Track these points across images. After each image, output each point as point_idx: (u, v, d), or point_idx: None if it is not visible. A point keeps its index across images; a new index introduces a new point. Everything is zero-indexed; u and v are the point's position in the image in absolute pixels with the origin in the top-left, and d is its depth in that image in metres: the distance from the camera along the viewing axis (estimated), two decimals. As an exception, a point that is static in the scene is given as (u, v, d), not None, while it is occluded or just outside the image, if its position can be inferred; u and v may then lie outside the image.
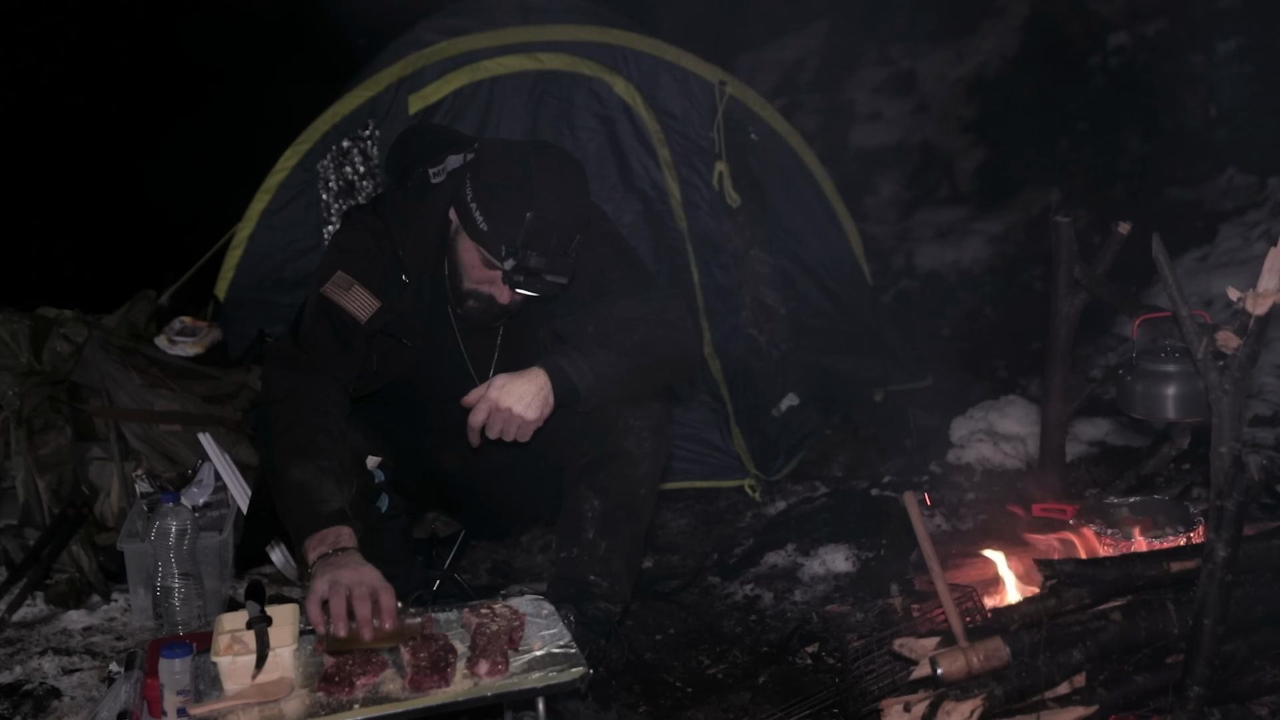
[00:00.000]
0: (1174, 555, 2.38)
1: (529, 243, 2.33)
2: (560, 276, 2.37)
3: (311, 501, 2.29)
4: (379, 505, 2.58)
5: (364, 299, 2.49)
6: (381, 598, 2.17)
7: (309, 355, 2.47)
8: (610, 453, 2.56)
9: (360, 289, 2.49)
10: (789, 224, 4.50)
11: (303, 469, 2.32)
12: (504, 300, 2.46)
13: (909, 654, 2.33)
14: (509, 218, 2.33)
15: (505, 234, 2.34)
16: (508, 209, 2.34)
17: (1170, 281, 2.21)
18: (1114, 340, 4.91)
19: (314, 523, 2.27)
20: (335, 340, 2.48)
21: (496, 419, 2.40)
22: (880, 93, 8.11)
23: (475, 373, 2.68)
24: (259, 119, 6.53)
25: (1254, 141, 5.63)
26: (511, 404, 2.39)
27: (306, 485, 2.30)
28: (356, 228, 2.58)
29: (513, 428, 2.41)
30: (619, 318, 2.56)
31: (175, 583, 2.92)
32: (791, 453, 4.12)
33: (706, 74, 4.21)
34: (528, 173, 2.35)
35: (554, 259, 2.35)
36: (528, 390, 2.41)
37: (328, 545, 2.23)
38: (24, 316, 3.55)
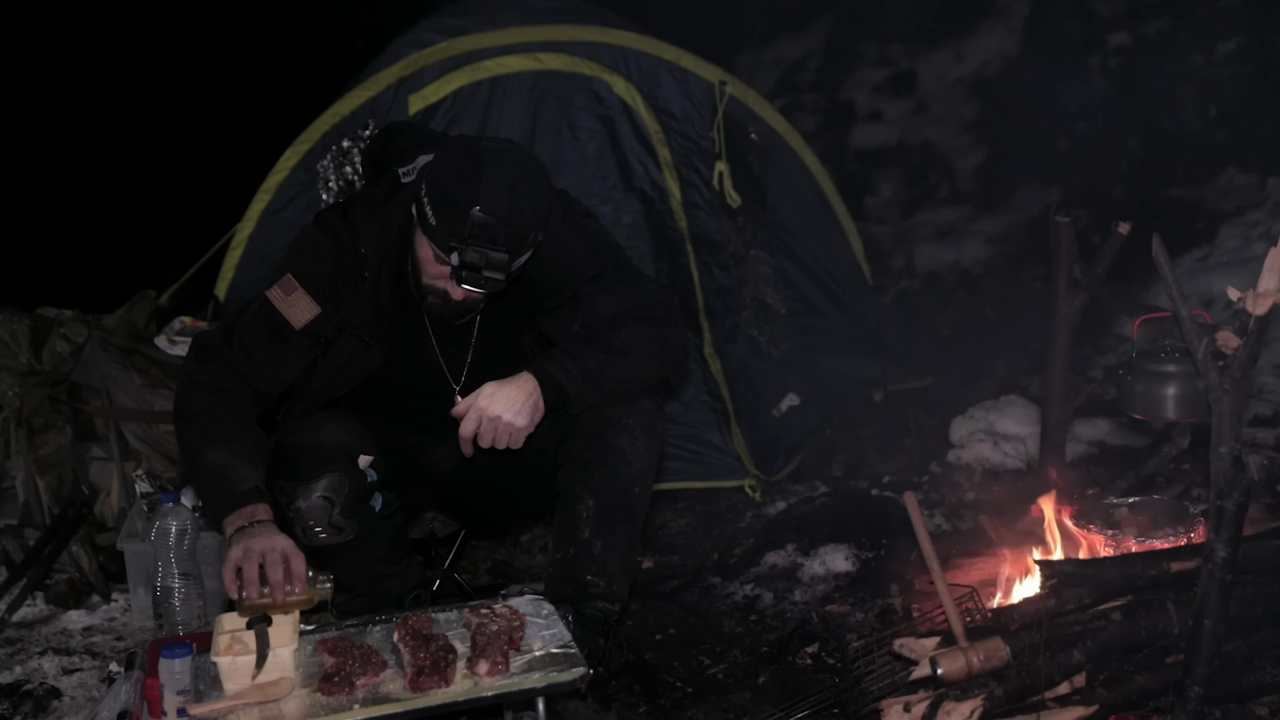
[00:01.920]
0: (1174, 555, 2.38)
1: (474, 238, 2.31)
2: (505, 274, 2.34)
3: (228, 482, 2.34)
4: (372, 504, 2.59)
5: (304, 304, 2.52)
6: (292, 563, 2.22)
7: (231, 352, 2.51)
8: (603, 452, 2.56)
9: (302, 293, 2.52)
10: (789, 224, 4.50)
11: (216, 452, 2.37)
12: (457, 297, 2.46)
13: (909, 654, 2.33)
14: (455, 213, 2.31)
15: (451, 230, 2.33)
16: (455, 204, 2.31)
17: (1170, 281, 2.21)
18: (1114, 340, 4.91)
19: (230, 502, 2.32)
20: (266, 342, 2.52)
21: (487, 428, 2.41)
22: (880, 93, 8.11)
23: (449, 372, 2.69)
24: (259, 119, 6.54)
25: (1254, 141, 5.63)
26: (501, 411, 2.40)
27: (222, 466, 2.36)
28: (318, 230, 2.59)
29: (504, 436, 2.42)
30: (605, 316, 2.57)
31: (175, 583, 2.92)
32: (791, 453, 4.12)
33: (706, 74, 4.21)
34: (478, 169, 2.32)
35: (500, 256, 2.32)
36: (517, 397, 2.42)
37: (244, 519, 2.28)
38: (24, 316, 3.55)
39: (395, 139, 2.70)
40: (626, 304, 2.58)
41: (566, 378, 2.46)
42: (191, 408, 2.46)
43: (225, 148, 7.18)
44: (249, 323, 2.54)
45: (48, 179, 7.00)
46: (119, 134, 7.54)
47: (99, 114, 7.56)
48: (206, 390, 2.48)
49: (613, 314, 2.57)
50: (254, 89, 8.08)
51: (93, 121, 7.52)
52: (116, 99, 7.66)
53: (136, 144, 7.52)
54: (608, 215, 4.04)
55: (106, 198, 7.12)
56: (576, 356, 2.49)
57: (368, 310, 2.54)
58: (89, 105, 7.55)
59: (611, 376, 2.51)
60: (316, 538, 2.52)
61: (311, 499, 2.48)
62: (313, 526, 2.50)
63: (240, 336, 2.52)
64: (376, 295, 2.54)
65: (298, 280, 2.53)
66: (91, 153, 7.30)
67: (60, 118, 7.42)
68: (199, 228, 4.87)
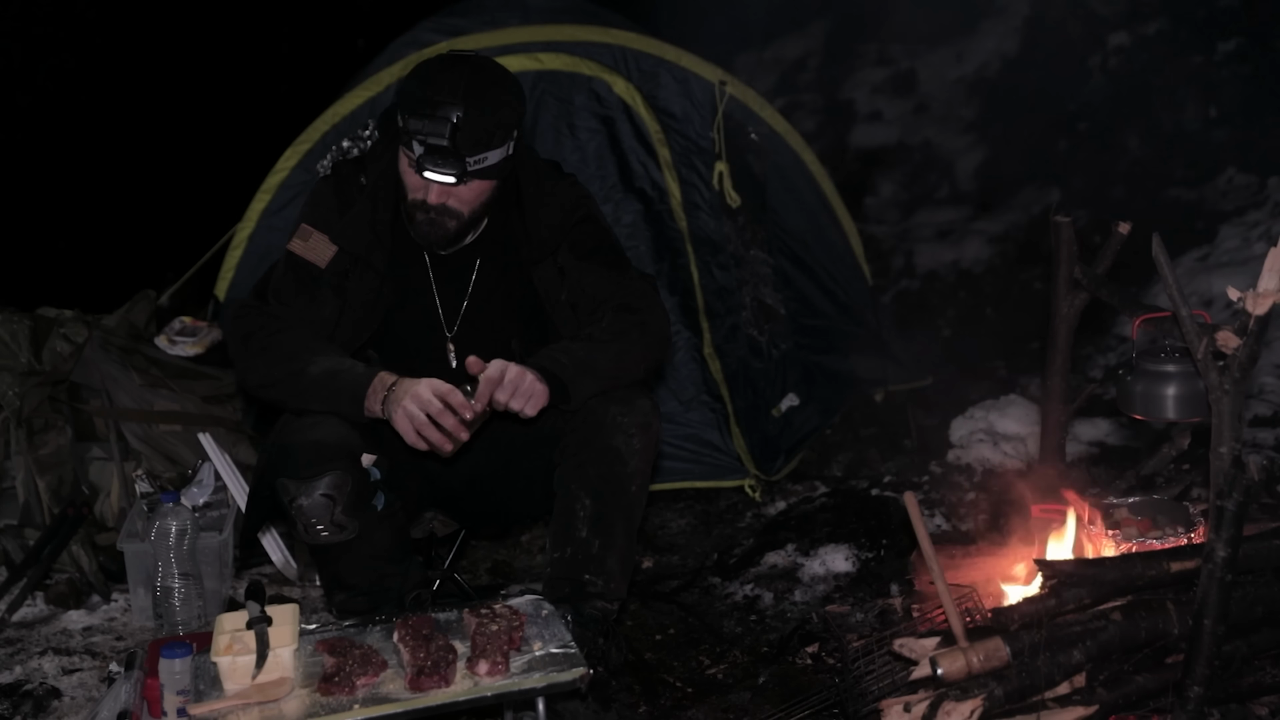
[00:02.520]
0: (1174, 555, 2.38)
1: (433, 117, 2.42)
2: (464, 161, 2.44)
3: (347, 370, 2.48)
4: (375, 503, 2.59)
5: (322, 245, 2.63)
6: (450, 400, 2.37)
7: (270, 305, 2.61)
8: (599, 451, 2.56)
9: (319, 235, 2.63)
10: (789, 224, 4.49)
11: (318, 362, 2.48)
12: (433, 199, 2.52)
13: (909, 654, 2.33)
14: (414, 107, 2.44)
15: (413, 126, 2.44)
16: (414, 99, 2.45)
17: (1170, 281, 2.21)
18: (1114, 340, 4.91)
19: (363, 381, 2.45)
20: (299, 291, 2.62)
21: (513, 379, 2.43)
22: (880, 93, 8.12)
23: (445, 319, 2.74)
24: (259, 119, 6.54)
25: (1254, 141, 5.63)
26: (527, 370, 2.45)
27: (332, 369, 2.48)
28: (325, 178, 2.74)
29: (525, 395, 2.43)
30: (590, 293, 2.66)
31: (175, 583, 2.93)
32: (791, 453, 4.12)
33: (706, 74, 4.21)
34: (440, 68, 2.48)
35: (440, 126, 2.41)
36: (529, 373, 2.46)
37: (383, 389, 2.43)
38: (24, 316, 3.54)
39: None
40: (608, 292, 2.66)
41: (560, 369, 2.50)
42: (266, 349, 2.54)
43: (225, 148, 7.18)
44: (279, 277, 2.65)
45: (48, 179, 6.99)
46: (119, 134, 7.54)
47: (99, 114, 7.56)
48: (266, 334, 2.56)
49: (595, 297, 2.65)
50: (254, 89, 8.08)
51: (92, 121, 7.52)
52: (116, 99, 7.66)
53: (136, 144, 7.52)
54: (608, 215, 4.02)
55: (106, 198, 7.11)
56: (564, 351, 2.55)
57: (366, 232, 2.63)
58: (89, 105, 7.55)
59: (601, 365, 2.56)
60: (318, 536, 2.52)
61: (314, 497, 2.48)
62: (314, 524, 2.50)
63: (275, 291, 2.63)
64: (374, 215, 2.63)
65: (312, 226, 2.65)
66: (91, 153, 7.30)
67: (60, 118, 7.42)
68: (199, 228, 4.86)
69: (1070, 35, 6.96)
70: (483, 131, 2.46)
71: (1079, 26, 6.94)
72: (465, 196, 2.54)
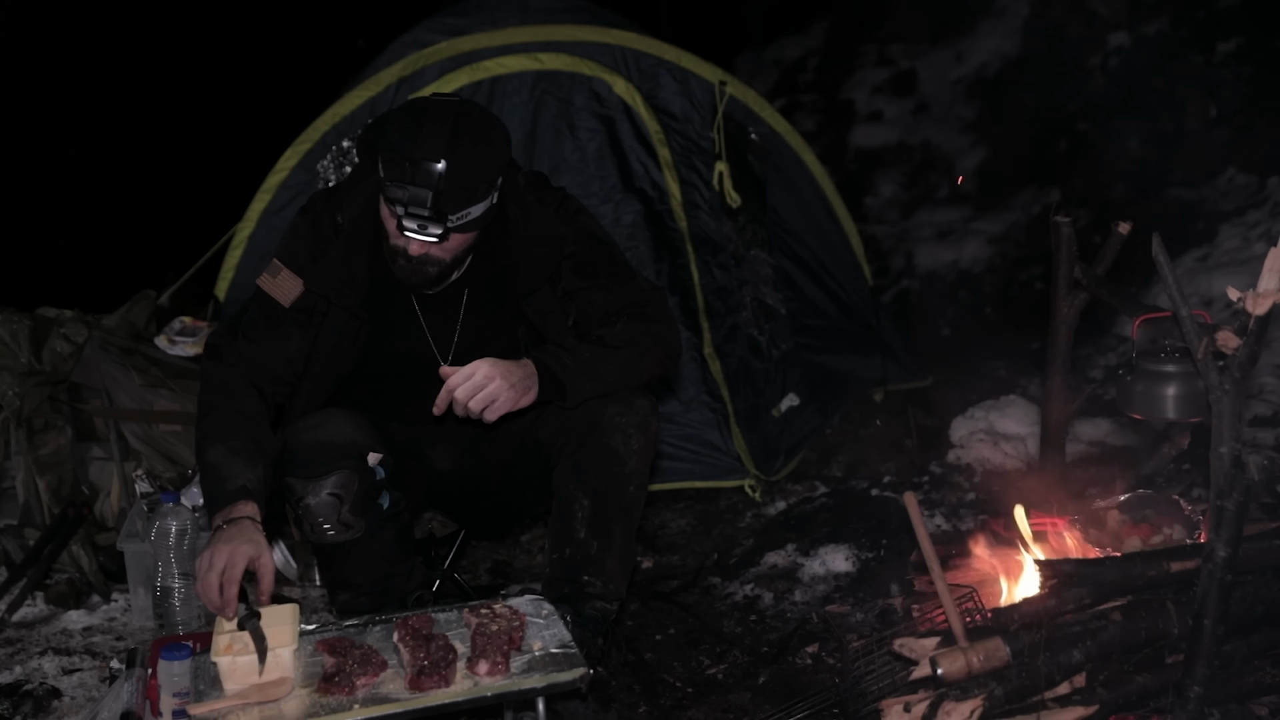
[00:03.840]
0: (1174, 555, 2.38)
1: (416, 183, 2.32)
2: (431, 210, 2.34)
3: (220, 479, 2.39)
4: (380, 503, 2.59)
5: (289, 283, 2.58)
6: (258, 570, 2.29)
7: (236, 341, 2.58)
8: (597, 451, 2.56)
9: (287, 273, 2.58)
10: (789, 224, 4.50)
11: (216, 451, 2.43)
12: (414, 251, 2.45)
13: (909, 654, 2.33)
14: (395, 160, 2.35)
15: (391, 175, 2.35)
16: (395, 152, 2.35)
17: (1170, 281, 2.20)
18: (1114, 340, 4.90)
19: (220, 499, 2.38)
20: (266, 328, 2.58)
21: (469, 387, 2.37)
22: (880, 93, 8.12)
23: (438, 351, 2.70)
24: (259, 119, 6.54)
25: (1254, 141, 5.62)
26: (493, 373, 2.39)
27: (218, 465, 2.41)
28: (300, 213, 2.67)
29: (486, 398, 2.37)
30: (598, 313, 2.59)
31: (175, 583, 2.93)
32: (791, 453, 4.12)
33: (706, 74, 4.21)
34: (423, 116, 2.37)
35: (423, 193, 2.33)
36: (516, 371, 2.42)
37: (222, 518, 2.34)
38: (24, 316, 3.54)
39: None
40: (619, 301, 2.59)
41: (561, 369, 2.47)
42: (202, 407, 2.53)
43: (225, 148, 7.18)
44: (249, 314, 2.62)
45: (47, 179, 7.00)
46: (119, 134, 7.54)
47: (99, 114, 7.57)
48: (215, 388, 2.54)
49: (605, 311, 2.59)
50: (254, 89, 8.08)
51: (93, 122, 7.53)
52: (117, 99, 7.66)
53: (136, 144, 7.53)
54: (608, 215, 4.04)
55: (106, 198, 7.12)
56: (570, 350, 2.51)
57: (341, 272, 2.57)
58: (89, 105, 7.55)
59: (605, 371, 2.52)
60: (325, 535, 2.52)
61: (320, 496, 2.48)
62: (321, 524, 2.50)
63: (243, 328, 2.60)
64: (350, 258, 2.57)
65: (282, 262, 2.59)
66: (91, 153, 7.31)
67: (60, 118, 7.42)
68: (199, 228, 4.87)
69: (1070, 35, 6.96)
70: (466, 189, 2.37)
71: (1079, 26, 6.94)
72: (448, 247, 2.46)
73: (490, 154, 2.42)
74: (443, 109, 2.40)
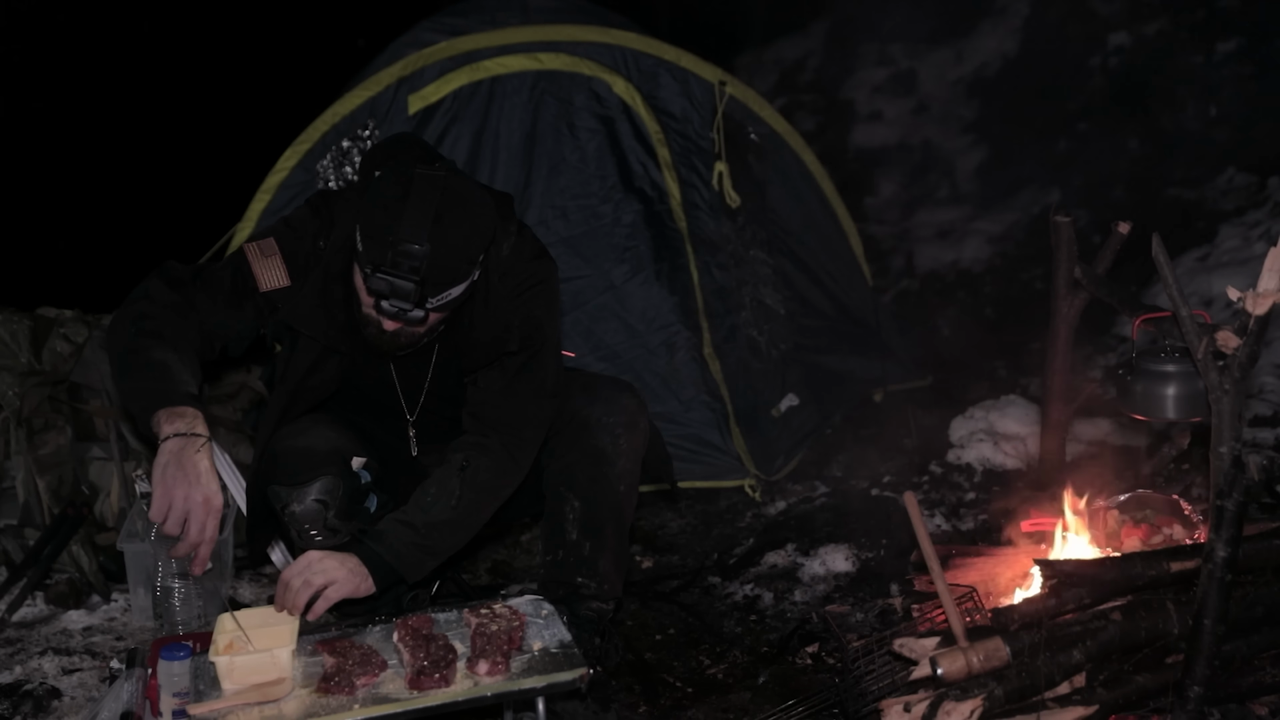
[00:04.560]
0: (1174, 555, 2.38)
1: (393, 266, 2.24)
2: (413, 303, 2.27)
3: (172, 379, 2.29)
4: (367, 505, 2.59)
5: (277, 271, 2.48)
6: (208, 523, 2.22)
7: (194, 289, 2.45)
8: (585, 453, 2.56)
9: (279, 261, 2.48)
10: (789, 224, 4.49)
11: (165, 353, 2.32)
12: (387, 328, 2.38)
13: (909, 654, 2.33)
14: (375, 241, 2.25)
15: (370, 258, 2.26)
16: (376, 231, 2.25)
17: (1170, 281, 2.21)
18: (1114, 340, 4.90)
19: (171, 398, 2.26)
20: (228, 292, 2.47)
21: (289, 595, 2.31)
22: (880, 93, 8.12)
23: (405, 400, 2.66)
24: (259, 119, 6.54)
25: (1254, 141, 5.63)
26: (334, 564, 2.34)
27: (170, 365, 2.31)
28: (309, 211, 2.56)
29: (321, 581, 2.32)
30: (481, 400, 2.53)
31: (175, 583, 2.92)
32: (791, 453, 4.12)
33: (706, 74, 4.21)
34: (405, 196, 2.25)
35: (406, 285, 2.24)
36: (348, 561, 2.36)
37: (182, 425, 2.23)
38: (24, 316, 3.54)
39: (398, 148, 2.65)
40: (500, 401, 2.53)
41: (394, 556, 2.40)
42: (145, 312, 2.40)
43: (225, 148, 7.18)
44: (219, 269, 2.50)
45: (47, 179, 6.99)
46: (119, 134, 7.54)
47: (99, 114, 7.56)
48: (163, 305, 2.41)
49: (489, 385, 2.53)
50: (254, 89, 8.08)
51: (93, 121, 7.52)
52: (117, 99, 7.66)
53: (137, 144, 7.52)
54: (608, 215, 4.04)
55: (106, 197, 7.12)
56: (407, 526, 2.43)
57: (314, 303, 2.49)
58: (89, 105, 7.54)
59: (442, 541, 2.47)
60: (312, 541, 2.52)
61: (306, 502, 2.48)
62: (308, 530, 2.50)
63: (206, 278, 2.48)
64: (328, 293, 2.49)
65: (279, 247, 2.50)
66: (92, 152, 7.30)
67: (60, 118, 7.42)
68: (199, 228, 4.86)
69: (1070, 35, 6.96)
70: (447, 273, 2.28)
71: (1079, 26, 6.94)
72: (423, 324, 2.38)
73: (473, 234, 2.33)
74: (427, 187, 2.27)
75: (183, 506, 2.21)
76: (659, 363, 3.97)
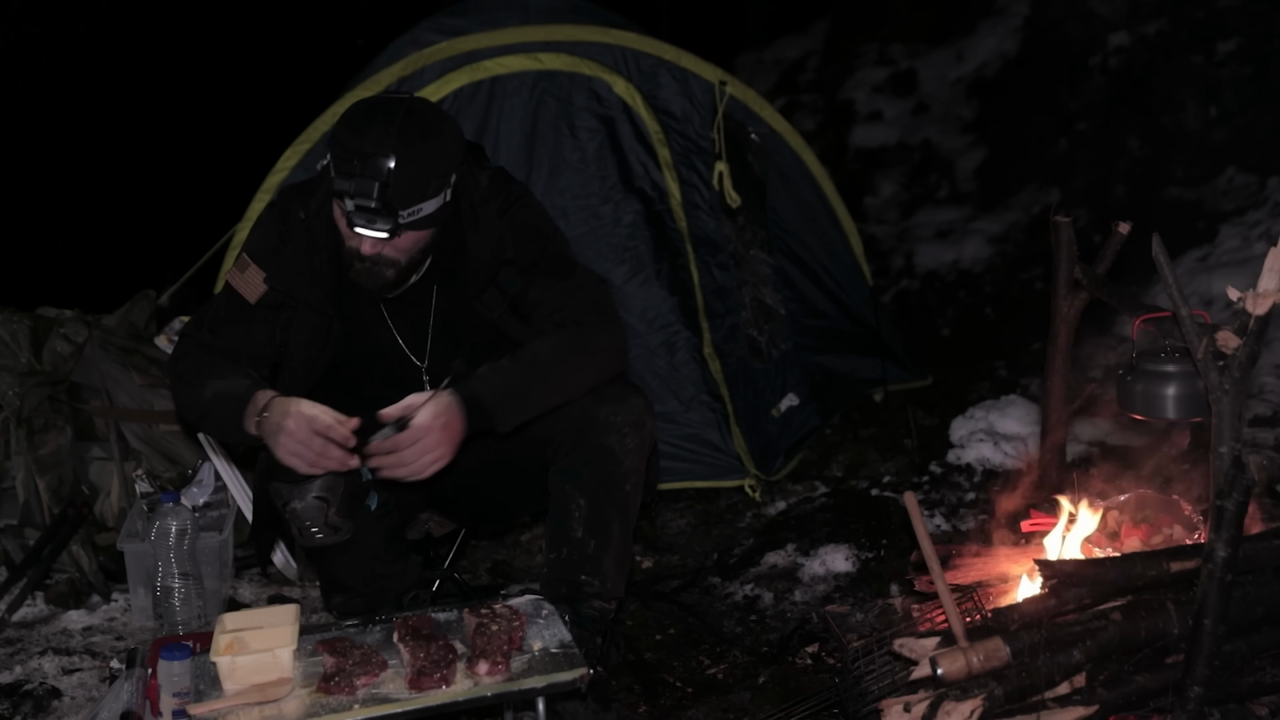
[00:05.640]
0: (1174, 555, 2.38)
1: (364, 175, 2.31)
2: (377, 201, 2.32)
3: (230, 396, 2.44)
4: (368, 504, 2.59)
5: (255, 279, 2.58)
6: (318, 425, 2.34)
7: (201, 334, 2.61)
8: (592, 451, 2.56)
9: (254, 268, 2.58)
10: (789, 224, 4.49)
11: (218, 382, 2.48)
12: (366, 250, 2.43)
13: (909, 654, 2.33)
14: (344, 158, 2.35)
15: (343, 172, 2.35)
16: (344, 149, 2.35)
17: (1170, 281, 2.20)
18: (1114, 340, 4.90)
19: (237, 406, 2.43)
20: (230, 321, 2.60)
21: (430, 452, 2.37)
22: (880, 93, 8.12)
23: (410, 351, 2.70)
24: (259, 119, 6.54)
25: (1254, 141, 5.62)
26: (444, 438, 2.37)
27: (221, 391, 2.47)
28: (269, 207, 2.68)
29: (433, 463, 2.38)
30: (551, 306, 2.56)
31: (175, 583, 2.93)
32: (791, 453, 4.12)
33: (706, 74, 4.21)
34: (370, 117, 2.37)
35: (369, 184, 2.31)
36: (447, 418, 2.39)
37: (255, 413, 2.40)
38: (24, 316, 3.54)
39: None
40: (557, 300, 2.57)
41: (490, 398, 2.43)
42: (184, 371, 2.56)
43: (225, 148, 7.18)
44: (216, 307, 2.64)
45: (47, 179, 7.00)
46: (119, 134, 7.54)
47: (99, 114, 7.56)
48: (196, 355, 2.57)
49: (542, 304, 2.57)
50: (254, 89, 8.08)
51: (93, 121, 7.53)
52: (117, 99, 7.66)
53: (136, 144, 7.52)
54: (608, 215, 4.04)
55: (106, 198, 7.12)
56: (501, 372, 2.46)
57: (302, 266, 2.56)
58: (89, 105, 7.55)
59: (536, 394, 2.48)
60: (313, 538, 2.52)
61: (306, 500, 2.48)
62: (309, 527, 2.50)
63: (209, 321, 2.62)
64: (312, 253, 2.56)
65: (249, 257, 2.60)
66: (91, 152, 7.30)
67: (60, 118, 7.42)
68: (199, 228, 4.87)
69: (1070, 35, 6.96)
70: (416, 184, 2.35)
71: (1079, 26, 6.94)
72: (401, 246, 2.44)
73: (440, 149, 2.41)
74: (392, 105, 2.40)
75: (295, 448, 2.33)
76: (659, 363, 3.97)
